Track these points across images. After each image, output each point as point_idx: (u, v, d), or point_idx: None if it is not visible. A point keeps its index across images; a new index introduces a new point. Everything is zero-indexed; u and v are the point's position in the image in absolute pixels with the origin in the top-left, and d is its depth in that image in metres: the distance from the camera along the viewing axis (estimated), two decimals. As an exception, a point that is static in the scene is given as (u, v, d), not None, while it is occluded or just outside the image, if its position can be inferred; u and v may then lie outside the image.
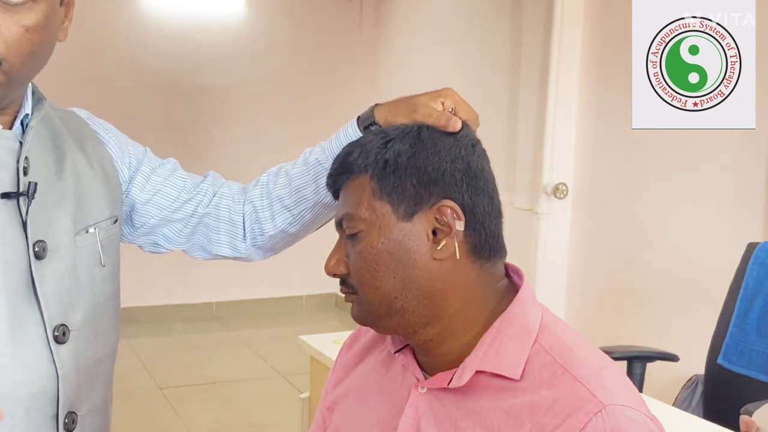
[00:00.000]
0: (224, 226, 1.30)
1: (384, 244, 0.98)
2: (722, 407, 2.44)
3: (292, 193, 1.26)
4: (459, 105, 1.09)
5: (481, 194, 1.00)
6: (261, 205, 1.29)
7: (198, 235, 1.30)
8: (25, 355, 1.02)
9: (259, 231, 1.30)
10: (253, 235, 1.30)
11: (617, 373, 0.97)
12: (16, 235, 1.02)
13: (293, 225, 1.29)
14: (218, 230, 1.30)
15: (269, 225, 1.28)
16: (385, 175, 0.99)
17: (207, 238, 1.31)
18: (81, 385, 1.09)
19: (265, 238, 1.30)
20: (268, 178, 1.31)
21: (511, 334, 0.98)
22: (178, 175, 1.30)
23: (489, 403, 0.96)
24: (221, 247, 1.31)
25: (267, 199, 1.28)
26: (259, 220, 1.29)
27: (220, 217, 1.29)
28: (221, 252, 1.32)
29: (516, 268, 1.06)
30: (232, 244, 1.31)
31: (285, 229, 1.29)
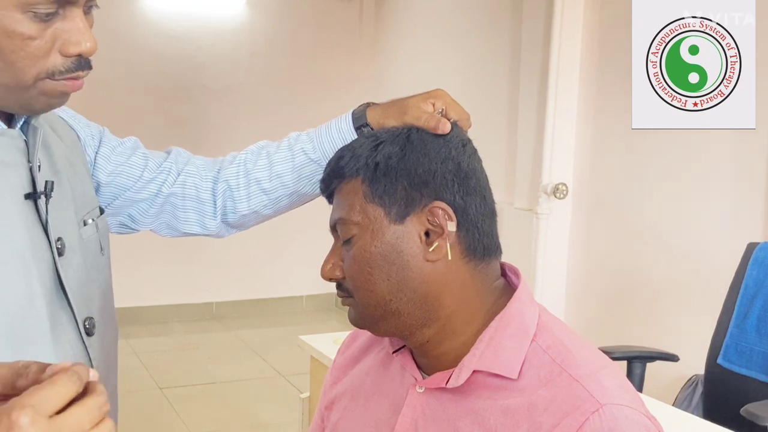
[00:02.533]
0: (192, 204, 1.28)
1: (377, 248, 0.98)
2: (722, 407, 2.44)
3: (271, 178, 1.25)
4: (450, 106, 1.09)
5: (473, 194, 1.00)
6: (237, 183, 1.26)
7: (165, 214, 1.28)
8: (65, 353, 1.02)
9: (232, 209, 1.28)
10: (224, 212, 1.28)
11: (615, 373, 0.97)
12: (40, 234, 1.02)
13: (268, 208, 1.27)
14: (185, 208, 1.28)
15: (244, 205, 1.27)
16: (376, 178, 0.99)
17: (174, 216, 1.29)
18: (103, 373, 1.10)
19: (237, 217, 1.29)
20: (247, 156, 1.28)
21: (509, 334, 0.98)
22: (139, 154, 1.27)
23: (486, 403, 0.96)
24: (190, 225, 1.29)
25: (244, 178, 1.26)
26: (233, 198, 1.27)
27: (186, 196, 1.27)
28: (190, 230, 1.30)
29: (513, 268, 1.06)
30: (201, 221, 1.29)
31: (259, 210, 1.28)
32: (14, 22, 0.90)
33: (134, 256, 5.23)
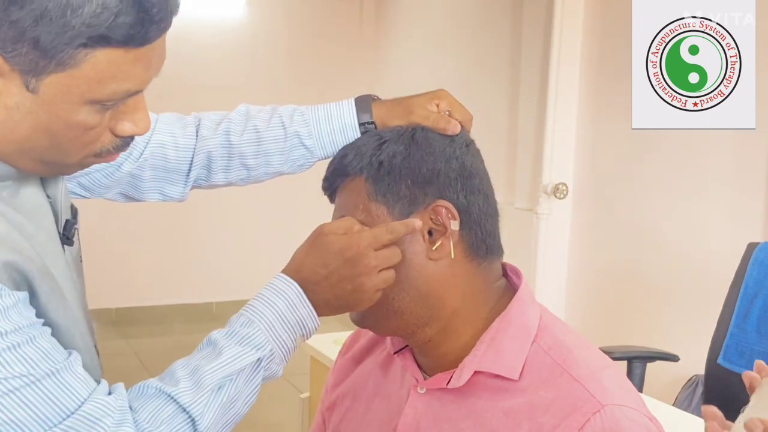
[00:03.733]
0: (157, 174, 1.17)
1: None
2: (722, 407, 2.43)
3: (257, 155, 1.16)
4: (454, 106, 1.09)
5: (476, 193, 1.00)
6: (218, 154, 1.17)
7: (122, 185, 1.18)
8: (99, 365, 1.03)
9: (205, 178, 1.19)
10: (197, 181, 1.19)
11: (616, 374, 0.97)
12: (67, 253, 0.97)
13: (244, 181, 1.20)
14: (147, 179, 1.17)
15: (221, 176, 1.18)
16: (380, 176, 0.99)
17: (134, 187, 1.18)
18: None
19: (207, 184, 1.21)
20: (230, 126, 1.17)
21: (510, 335, 0.98)
22: None
23: (488, 404, 0.96)
24: (150, 194, 1.19)
25: (226, 149, 1.17)
26: (210, 169, 1.18)
27: (153, 167, 1.17)
28: (150, 198, 1.20)
29: (515, 268, 1.06)
30: (163, 190, 1.19)
31: (235, 182, 1.20)
32: (78, 114, 0.81)
33: (134, 256, 5.24)
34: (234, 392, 0.93)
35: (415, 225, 0.97)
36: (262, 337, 0.94)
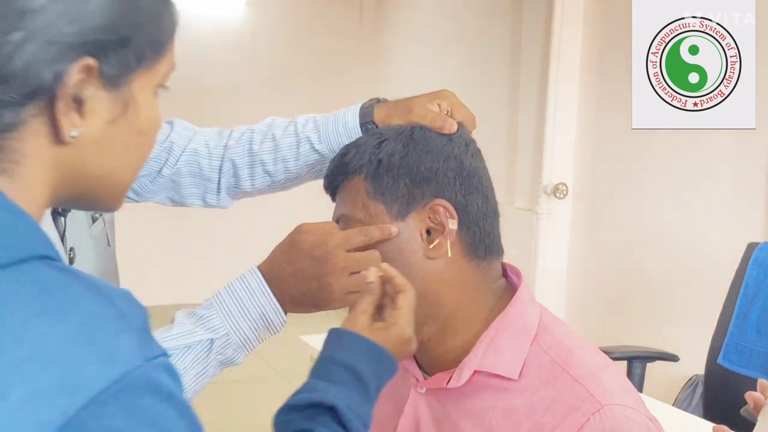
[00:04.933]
0: (194, 181, 1.26)
1: (378, 244, 0.98)
2: (722, 407, 2.44)
3: (276, 162, 1.23)
4: (455, 106, 1.09)
5: (474, 193, 1.00)
6: (242, 163, 1.25)
7: (166, 190, 1.27)
8: None
9: (235, 185, 1.27)
10: (228, 188, 1.27)
11: (616, 374, 0.97)
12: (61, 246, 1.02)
13: (271, 188, 1.27)
14: (187, 185, 1.26)
15: (247, 183, 1.26)
16: (379, 174, 0.99)
17: (177, 192, 1.27)
18: None
19: (240, 192, 1.28)
20: (253, 136, 1.25)
21: (510, 334, 0.98)
22: None
23: (487, 403, 0.96)
24: (193, 200, 1.28)
25: (248, 157, 1.25)
26: (237, 176, 1.26)
27: (189, 173, 1.25)
28: (193, 204, 1.30)
29: (514, 268, 1.06)
30: (203, 197, 1.28)
31: (262, 189, 1.28)
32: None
33: (134, 256, 5.23)
34: (179, 366, 0.93)
35: (390, 231, 0.98)
36: (217, 321, 0.96)
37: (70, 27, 0.59)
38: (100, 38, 0.61)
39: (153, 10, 0.65)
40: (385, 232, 0.97)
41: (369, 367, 0.83)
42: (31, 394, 0.51)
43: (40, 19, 0.58)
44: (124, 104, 0.65)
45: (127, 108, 0.65)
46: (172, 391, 0.56)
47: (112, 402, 0.52)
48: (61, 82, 0.60)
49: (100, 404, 0.51)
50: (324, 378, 0.82)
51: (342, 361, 0.83)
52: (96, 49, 0.61)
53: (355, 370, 0.82)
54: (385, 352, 0.85)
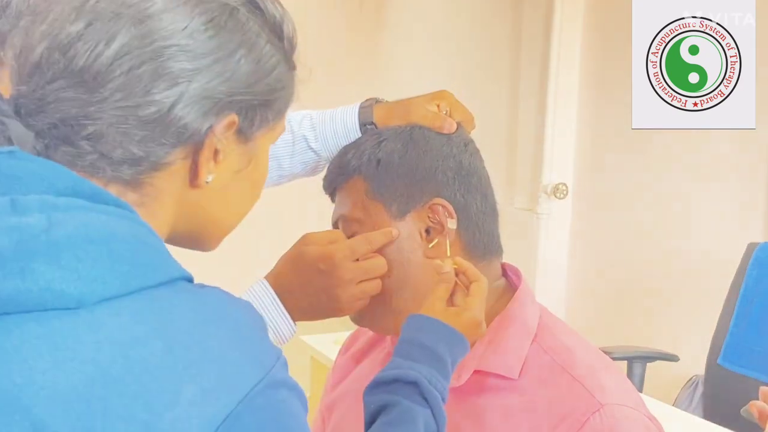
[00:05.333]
0: None
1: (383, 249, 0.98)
2: (722, 407, 2.44)
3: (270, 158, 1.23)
4: (454, 107, 1.09)
5: (474, 192, 1.01)
6: None
7: None
8: None
9: None
10: None
11: (616, 374, 0.97)
12: None
13: None
14: None
15: None
16: (378, 174, 1.00)
17: None
18: None
19: None
20: None
21: (510, 334, 0.98)
22: None
23: (487, 403, 0.96)
24: None
25: None
26: None
27: None
28: None
29: (514, 268, 1.06)
30: None
31: None
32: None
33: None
34: None
35: (392, 234, 0.98)
36: None
37: (223, 86, 0.68)
38: (246, 98, 0.70)
39: (285, 79, 0.75)
40: (388, 236, 0.98)
41: (445, 347, 0.88)
42: (199, 393, 0.58)
43: (200, 77, 0.67)
44: (249, 157, 0.74)
45: (250, 161, 0.74)
46: (294, 383, 0.65)
47: (259, 396, 0.60)
48: (210, 133, 0.68)
49: (251, 399, 0.60)
50: (406, 357, 0.88)
51: (421, 342, 0.88)
52: (240, 107, 0.70)
53: (433, 350, 0.88)
54: (459, 335, 0.90)
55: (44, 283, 0.57)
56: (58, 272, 0.58)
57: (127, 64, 0.65)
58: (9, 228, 0.58)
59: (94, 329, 0.58)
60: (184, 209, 0.72)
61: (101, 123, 0.65)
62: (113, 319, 0.59)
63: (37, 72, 0.65)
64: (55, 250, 0.58)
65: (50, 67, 0.65)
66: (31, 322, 0.58)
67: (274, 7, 0.74)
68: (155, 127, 0.66)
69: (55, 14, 0.66)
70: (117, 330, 0.58)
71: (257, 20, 0.71)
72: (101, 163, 0.66)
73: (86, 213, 0.61)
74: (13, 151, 0.63)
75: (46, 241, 0.58)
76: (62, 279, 0.58)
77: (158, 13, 0.66)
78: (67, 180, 0.63)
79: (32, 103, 0.65)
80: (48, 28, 0.66)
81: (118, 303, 0.59)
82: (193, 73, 0.66)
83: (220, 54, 0.68)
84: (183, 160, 0.69)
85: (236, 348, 0.62)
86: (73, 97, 0.64)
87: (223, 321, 0.63)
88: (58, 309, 0.58)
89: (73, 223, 0.59)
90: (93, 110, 0.65)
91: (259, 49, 0.71)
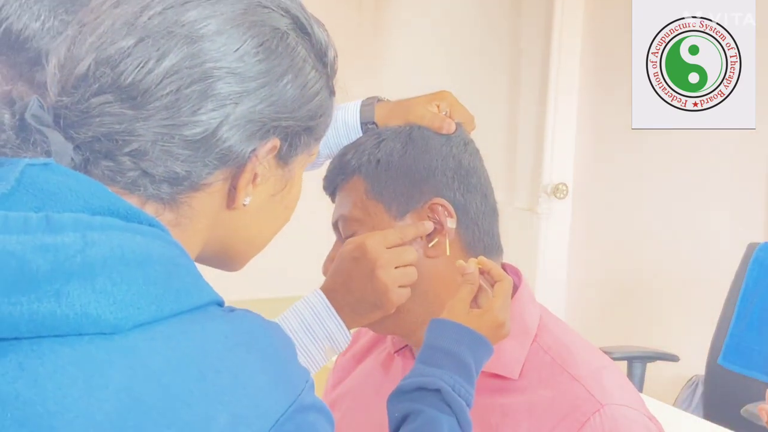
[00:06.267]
0: None
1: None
2: (722, 407, 2.44)
3: None
4: (454, 107, 1.09)
5: (473, 192, 1.01)
6: None
7: None
8: None
9: None
10: None
11: (616, 374, 0.97)
12: None
13: None
14: None
15: None
16: (377, 174, 1.00)
17: None
18: None
19: None
20: None
21: (510, 334, 0.98)
22: None
23: (487, 402, 0.96)
24: None
25: None
26: None
27: None
28: None
29: (514, 268, 1.06)
30: None
31: None
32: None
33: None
34: None
35: (426, 228, 0.98)
36: None
37: (269, 110, 0.68)
38: (289, 123, 0.70)
39: (326, 105, 0.74)
40: (420, 229, 0.98)
41: (468, 351, 0.88)
42: (231, 419, 0.58)
43: (246, 100, 0.66)
44: (285, 181, 0.73)
45: (286, 184, 0.74)
46: (322, 404, 0.65)
47: (289, 421, 0.60)
48: (253, 156, 0.68)
49: (282, 425, 0.60)
50: (429, 364, 0.88)
51: (444, 348, 0.88)
52: (283, 132, 0.70)
53: (456, 355, 0.88)
54: (482, 338, 0.90)
55: (80, 307, 0.56)
56: (93, 296, 0.57)
57: (176, 83, 0.64)
58: (44, 247, 0.57)
59: (128, 356, 0.58)
60: (217, 230, 0.72)
61: (144, 140, 0.64)
62: (147, 345, 0.58)
63: (83, 84, 0.65)
64: (90, 272, 0.57)
65: (97, 80, 0.64)
66: (65, 347, 0.57)
67: (321, 31, 0.75)
68: (199, 147, 0.66)
69: (104, 27, 0.65)
70: (150, 357, 0.58)
71: (305, 45, 0.72)
72: (143, 181, 0.65)
73: (121, 233, 0.60)
74: (48, 164, 0.62)
75: (82, 263, 0.57)
76: (98, 303, 0.57)
77: (211, 34, 0.66)
78: (102, 198, 0.62)
79: (75, 115, 0.65)
80: (97, 41, 0.65)
81: (152, 329, 0.59)
82: (241, 95, 0.66)
83: (268, 78, 0.68)
84: (222, 182, 0.68)
85: (266, 372, 0.62)
86: (119, 112, 0.64)
87: (253, 346, 0.63)
88: (93, 334, 0.57)
89: (108, 244, 0.58)
90: (138, 126, 0.64)
91: (305, 75, 0.71)
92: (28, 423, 0.55)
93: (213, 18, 0.66)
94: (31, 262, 0.56)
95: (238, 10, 0.67)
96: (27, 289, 0.56)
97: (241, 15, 0.67)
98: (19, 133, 0.63)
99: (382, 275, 0.96)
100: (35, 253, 0.57)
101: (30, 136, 0.64)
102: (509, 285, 0.94)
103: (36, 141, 0.64)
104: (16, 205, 0.60)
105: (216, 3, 0.67)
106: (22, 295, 0.56)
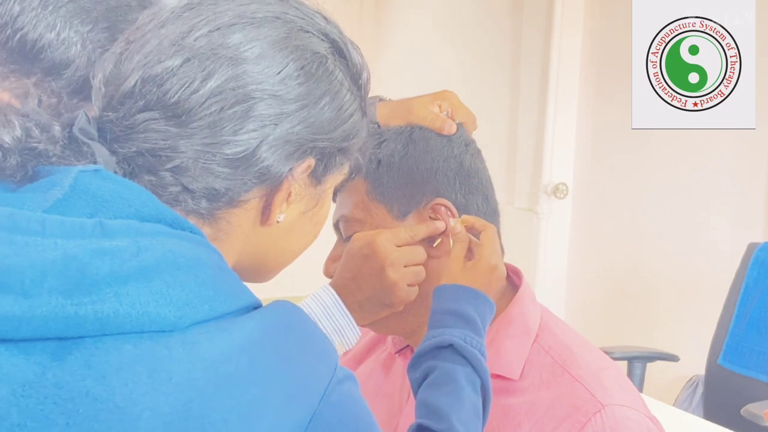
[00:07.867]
0: None
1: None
2: (722, 407, 2.44)
3: None
4: (456, 107, 1.09)
5: (475, 193, 1.01)
6: None
7: None
8: None
9: None
10: None
11: (617, 374, 0.97)
12: None
13: None
14: None
15: None
16: (379, 174, 1.00)
17: None
18: None
19: None
20: None
21: (510, 334, 0.98)
22: None
23: (488, 403, 0.96)
24: None
25: None
26: None
27: None
28: None
29: (515, 269, 1.06)
30: None
31: None
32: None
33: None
34: None
35: (437, 227, 0.99)
36: None
37: (306, 131, 0.70)
38: (325, 144, 0.72)
39: (359, 127, 0.76)
40: (431, 228, 0.99)
41: (471, 307, 0.92)
42: (284, 399, 0.62)
43: (286, 122, 0.69)
44: (317, 199, 0.76)
45: (317, 202, 0.77)
46: (351, 373, 0.69)
47: (333, 393, 0.64)
48: (290, 175, 0.71)
49: (328, 396, 0.64)
50: (437, 326, 0.91)
51: (447, 308, 0.92)
52: (318, 152, 0.72)
53: (459, 312, 0.91)
54: (480, 293, 0.93)
55: (140, 306, 0.59)
56: (150, 296, 0.59)
57: (220, 103, 0.66)
58: (101, 251, 0.59)
59: (186, 350, 0.60)
60: (250, 245, 0.74)
61: (186, 157, 0.67)
62: (204, 339, 0.61)
63: (128, 101, 0.67)
64: (146, 275, 0.60)
65: (143, 97, 0.67)
66: (128, 344, 0.59)
67: (356, 54, 0.77)
68: (239, 166, 0.68)
69: (151, 46, 0.68)
70: (207, 349, 0.60)
71: (342, 68, 0.74)
72: (183, 196, 0.68)
73: (169, 239, 0.62)
74: (99, 171, 0.64)
75: (137, 266, 0.60)
76: (156, 303, 0.59)
77: (255, 57, 0.68)
78: (151, 206, 0.64)
79: (120, 130, 0.67)
80: (143, 59, 0.67)
81: (207, 325, 0.61)
82: (280, 117, 0.68)
83: (307, 101, 0.70)
84: (258, 199, 0.71)
85: (307, 351, 0.65)
86: (163, 129, 0.66)
87: (292, 329, 0.66)
88: (152, 332, 0.60)
89: (160, 248, 0.61)
90: (180, 144, 0.67)
91: (341, 98, 0.73)
92: (99, 417, 0.57)
93: (257, 41, 0.68)
94: (91, 265, 0.59)
95: (281, 34, 0.70)
96: (89, 291, 0.58)
97: (283, 39, 0.69)
98: (68, 145, 0.66)
99: (391, 273, 0.96)
100: (94, 257, 0.59)
101: (78, 147, 0.66)
102: (493, 231, 0.98)
103: (83, 152, 0.66)
104: (70, 210, 0.62)
105: (260, 27, 0.69)
106: (85, 296, 0.58)
